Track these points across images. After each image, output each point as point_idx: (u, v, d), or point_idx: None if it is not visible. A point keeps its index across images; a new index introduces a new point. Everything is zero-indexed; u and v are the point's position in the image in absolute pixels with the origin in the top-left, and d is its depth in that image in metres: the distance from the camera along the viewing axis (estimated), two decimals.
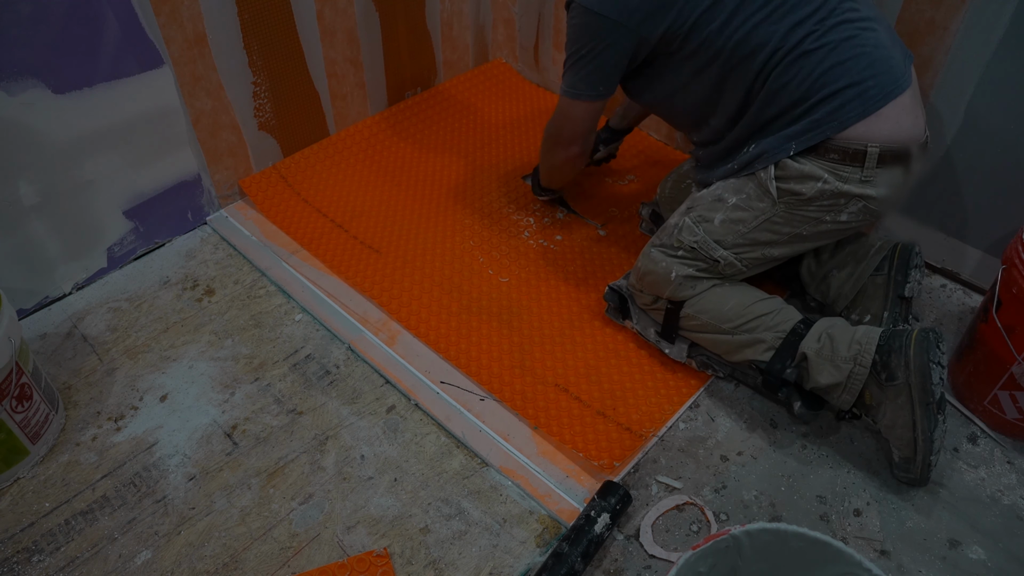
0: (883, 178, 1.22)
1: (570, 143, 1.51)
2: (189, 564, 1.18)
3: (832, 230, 1.29)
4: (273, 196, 1.88)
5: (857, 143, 1.19)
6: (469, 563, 1.18)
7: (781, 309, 1.34)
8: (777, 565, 0.97)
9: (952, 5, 1.41)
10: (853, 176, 1.21)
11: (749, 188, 1.29)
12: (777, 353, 1.31)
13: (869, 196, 1.23)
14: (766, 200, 1.27)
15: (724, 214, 1.31)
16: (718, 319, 1.34)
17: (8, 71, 1.36)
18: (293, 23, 1.77)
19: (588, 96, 1.40)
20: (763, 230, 1.29)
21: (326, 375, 1.47)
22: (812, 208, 1.25)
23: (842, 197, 1.23)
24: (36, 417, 1.29)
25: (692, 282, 1.35)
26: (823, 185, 1.22)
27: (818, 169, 1.22)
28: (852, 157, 1.20)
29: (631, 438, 1.34)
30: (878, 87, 1.19)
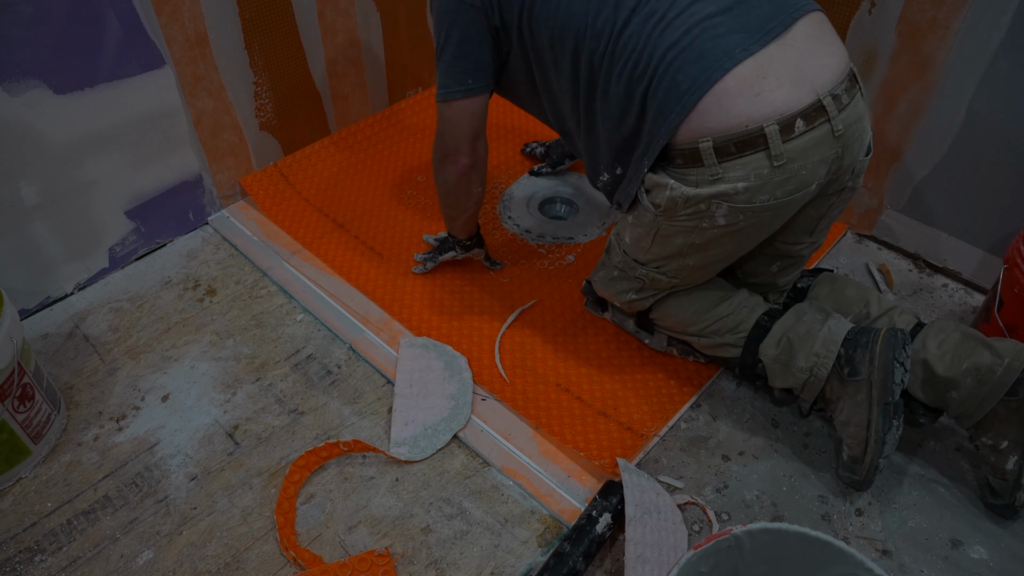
0: (736, 172, 1.07)
1: (456, 153, 1.36)
2: (191, 564, 1.18)
3: (726, 233, 1.15)
4: (274, 195, 1.88)
5: (688, 143, 1.08)
6: (471, 563, 1.18)
7: (741, 306, 1.31)
8: (778, 565, 0.97)
9: (954, 5, 1.40)
10: (702, 177, 1.09)
11: (639, 207, 1.22)
12: (744, 351, 1.30)
13: (726, 194, 1.09)
14: (648, 213, 1.19)
15: (629, 231, 1.26)
16: (682, 323, 1.33)
17: (10, 71, 1.36)
18: (294, 23, 1.77)
19: (458, 92, 1.30)
20: (660, 244, 1.21)
21: (327, 375, 1.47)
22: (682, 216, 1.14)
23: (699, 202, 1.11)
24: (38, 417, 1.29)
25: (641, 302, 1.34)
26: (671, 192, 1.12)
27: (665, 177, 1.13)
28: (692, 157, 1.09)
29: (632, 438, 1.34)
30: (688, 79, 1.05)
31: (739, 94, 1.04)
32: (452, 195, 1.45)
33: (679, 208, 1.13)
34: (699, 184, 1.10)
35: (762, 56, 1.05)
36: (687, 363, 1.48)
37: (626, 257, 1.29)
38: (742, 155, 1.06)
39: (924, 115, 1.54)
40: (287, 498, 1.24)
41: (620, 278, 1.33)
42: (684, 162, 1.10)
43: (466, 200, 1.46)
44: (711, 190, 1.09)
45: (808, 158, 1.07)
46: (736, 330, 1.30)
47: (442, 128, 1.36)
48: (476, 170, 1.40)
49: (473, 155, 1.37)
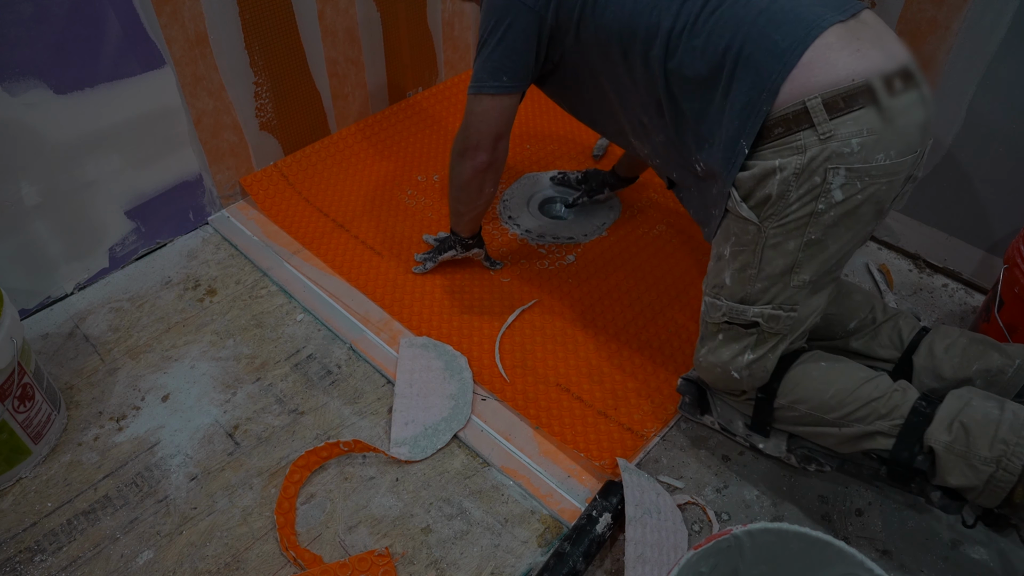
0: (847, 128, 1.01)
1: (476, 149, 1.34)
2: (191, 564, 1.18)
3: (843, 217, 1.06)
4: (274, 195, 1.88)
5: (792, 104, 1.02)
6: (471, 563, 1.18)
7: (894, 390, 1.13)
8: (779, 565, 0.97)
9: (954, 5, 1.40)
10: (809, 140, 1.02)
11: (731, 227, 1.13)
12: (899, 441, 1.11)
13: (842, 154, 1.02)
14: (750, 228, 1.10)
15: (730, 269, 1.15)
16: (819, 409, 1.16)
17: (10, 71, 1.36)
18: (294, 23, 1.77)
19: (491, 88, 1.28)
20: (770, 259, 1.11)
21: (328, 375, 1.47)
22: (795, 205, 1.06)
23: (813, 173, 1.03)
24: (38, 417, 1.29)
25: (762, 363, 1.17)
26: (782, 174, 1.04)
27: (768, 160, 1.05)
28: (796, 121, 1.03)
29: (633, 438, 1.34)
30: (788, 38, 1.03)
31: (842, 48, 1.02)
32: (464, 190, 1.44)
33: (792, 192, 1.05)
34: (808, 148, 1.03)
35: (849, 24, 1.05)
36: (688, 363, 1.48)
37: (731, 305, 1.17)
38: (851, 110, 1.01)
39: None
40: (287, 498, 1.24)
41: (729, 339, 1.19)
42: (787, 129, 1.04)
43: (476, 198, 1.45)
44: (825, 151, 1.02)
45: (911, 117, 1.04)
46: (890, 416, 1.11)
47: (468, 121, 1.35)
48: (492, 169, 1.39)
49: (493, 153, 1.36)
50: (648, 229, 1.80)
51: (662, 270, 1.68)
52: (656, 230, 1.80)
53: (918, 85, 1.04)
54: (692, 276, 1.67)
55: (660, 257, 1.72)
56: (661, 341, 1.52)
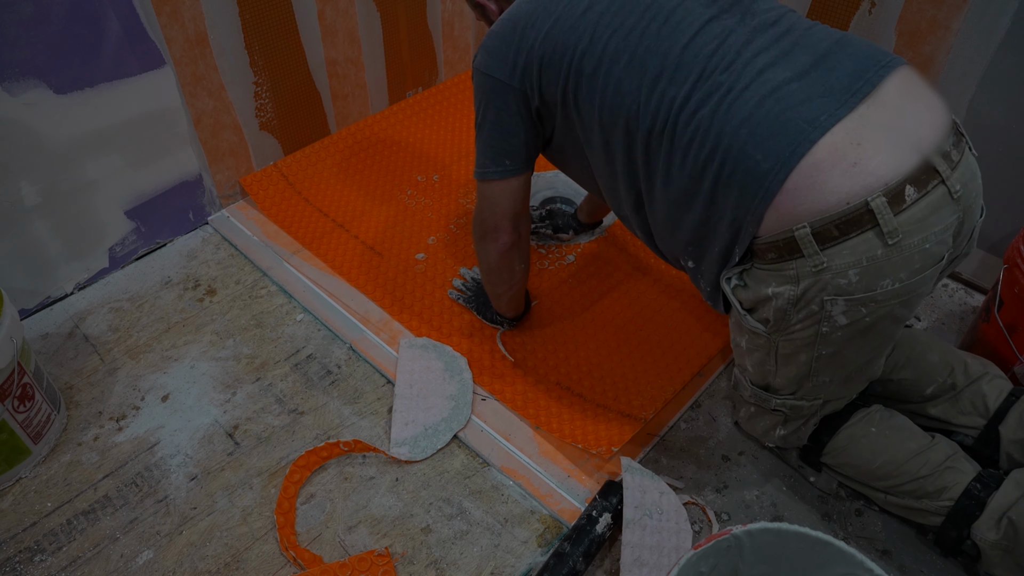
0: (843, 258, 0.91)
1: (496, 231, 1.26)
2: (191, 564, 1.18)
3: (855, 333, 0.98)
4: (274, 195, 1.88)
5: (780, 232, 0.92)
6: (471, 563, 1.18)
7: (944, 467, 1.08)
8: (778, 565, 0.97)
9: (954, 4, 1.40)
10: (802, 271, 0.93)
11: (743, 326, 1.07)
12: (947, 522, 1.07)
13: (839, 285, 0.92)
14: (760, 335, 1.04)
15: (749, 360, 1.11)
16: (866, 477, 1.14)
17: (10, 71, 1.36)
18: (294, 23, 1.77)
19: (495, 173, 1.21)
20: (785, 365, 1.05)
21: (327, 375, 1.47)
22: (797, 325, 0.99)
23: (809, 302, 0.95)
24: (38, 417, 1.29)
25: (796, 435, 1.16)
26: (777, 303, 0.97)
27: (762, 286, 0.98)
28: (787, 249, 0.93)
29: (631, 423, 1.35)
30: (769, 157, 0.90)
31: (833, 166, 0.88)
32: (494, 273, 1.36)
33: (791, 316, 0.98)
34: (802, 279, 0.94)
35: (852, 120, 0.89)
36: (687, 350, 1.48)
37: (756, 390, 1.15)
38: (847, 238, 0.89)
39: None
40: (287, 498, 1.24)
41: (761, 414, 1.19)
42: (778, 255, 0.94)
43: (509, 278, 1.37)
44: (819, 284, 0.93)
45: (929, 228, 0.90)
46: (938, 496, 1.07)
47: (481, 206, 1.27)
48: (518, 248, 1.30)
49: (514, 233, 1.27)
50: None
51: (662, 270, 1.68)
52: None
53: (944, 178, 0.90)
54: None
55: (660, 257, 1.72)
56: (660, 337, 1.52)
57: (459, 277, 1.66)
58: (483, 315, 1.56)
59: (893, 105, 0.92)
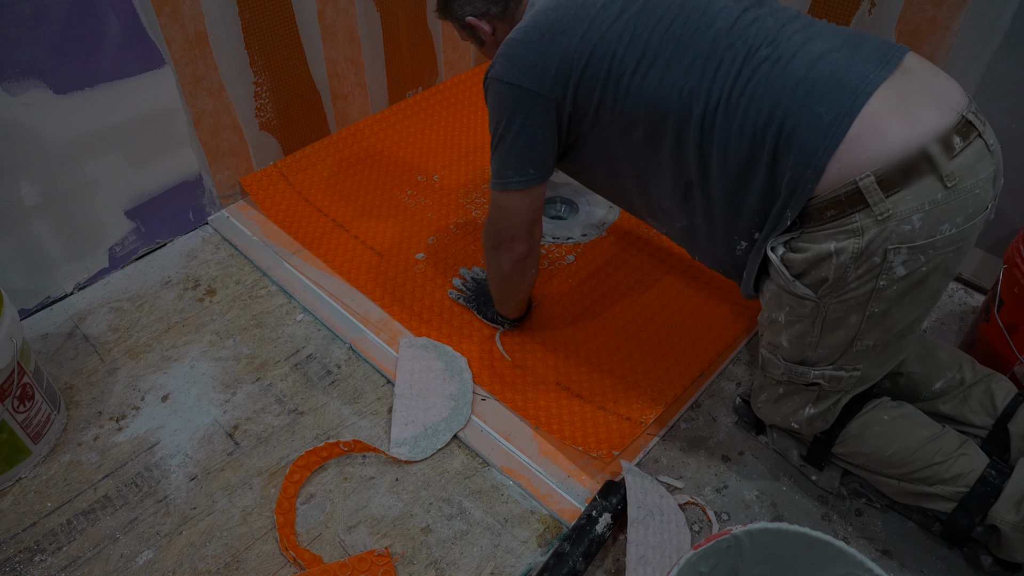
0: (907, 204, 0.94)
1: (512, 241, 1.27)
2: (191, 564, 1.18)
3: (908, 289, 1.00)
4: (274, 195, 1.88)
5: (843, 185, 0.96)
6: (471, 563, 1.18)
7: (959, 453, 1.10)
8: (778, 565, 0.97)
9: (954, 5, 1.40)
10: (866, 223, 0.95)
11: (784, 299, 1.07)
12: (960, 508, 1.08)
13: (903, 232, 0.95)
14: (807, 303, 1.04)
15: (786, 334, 1.11)
16: (879, 464, 1.14)
17: (10, 71, 1.36)
18: (294, 23, 1.77)
19: (519, 183, 1.20)
20: (831, 331, 1.06)
21: (327, 375, 1.47)
22: (853, 282, 0.99)
23: (872, 255, 0.97)
24: (38, 417, 1.29)
25: (823, 416, 1.16)
26: (839, 258, 0.98)
27: (822, 244, 0.99)
28: (849, 202, 0.96)
29: (631, 426, 1.35)
30: (832, 109, 0.96)
31: (891, 115, 0.94)
32: (506, 280, 1.37)
33: (851, 273, 0.99)
34: (865, 231, 0.96)
35: (895, 80, 0.97)
36: (688, 351, 1.48)
37: (790, 366, 1.13)
38: (909, 184, 0.93)
39: None
40: (287, 498, 1.24)
41: (790, 394, 1.17)
42: (840, 211, 0.96)
43: (520, 284, 1.38)
44: (884, 232, 0.95)
45: (976, 175, 0.96)
46: (953, 482, 1.09)
47: (497, 216, 1.27)
48: (532, 255, 1.32)
49: (530, 241, 1.29)
50: (648, 229, 1.80)
51: (662, 270, 1.68)
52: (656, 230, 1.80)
53: (979, 131, 0.97)
54: (691, 275, 1.67)
55: (660, 257, 1.72)
56: (661, 339, 1.52)
57: (459, 277, 1.66)
58: (483, 315, 1.56)
59: (920, 74, 0.99)
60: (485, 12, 1.27)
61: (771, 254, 1.05)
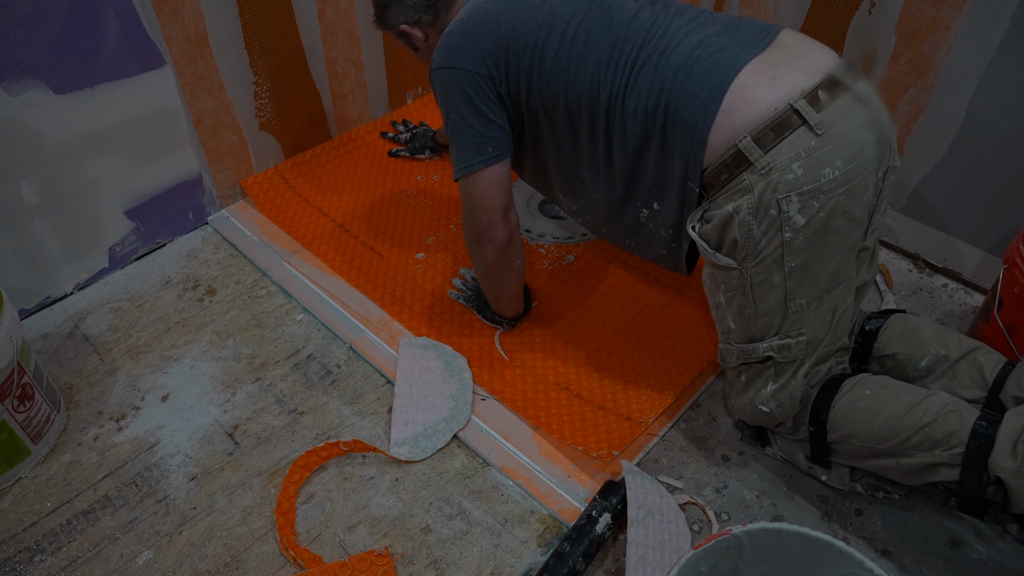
0: (784, 155, 1.03)
1: (491, 229, 1.28)
2: (191, 564, 1.18)
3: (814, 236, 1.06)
4: (274, 196, 1.88)
5: (727, 150, 1.06)
6: (470, 563, 1.18)
7: (948, 411, 1.08)
8: (778, 565, 0.97)
9: (954, 5, 1.40)
10: (752, 178, 1.04)
11: (716, 275, 1.15)
12: (964, 471, 1.05)
13: (787, 181, 1.03)
14: (733, 273, 1.12)
15: (730, 313, 1.16)
16: (872, 441, 1.12)
17: (10, 71, 1.36)
18: (294, 23, 1.77)
19: (480, 163, 1.23)
20: (763, 296, 1.11)
21: (327, 375, 1.47)
22: (763, 241, 1.07)
23: (768, 208, 1.04)
24: (38, 417, 1.29)
25: (786, 391, 1.16)
26: (739, 217, 1.06)
27: (723, 207, 1.08)
28: (736, 164, 1.06)
29: (631, 426, 1.35)
30: (706, 88, 1.07)
31: (757, 83, 1.06)
32: (493, 274, 1.38)
33: (755, 230, 1.06)
34: (754, 185, 1.05)
35: (764, 55, 1.09)
36: (688, 352, 1.48)
37: (742, 347, 1.17)
38: (782, 137, 1.03)
39: (924, 115, 1.55)
40: (287, 498, 1.24)
41: (752, 379, 1.20)
42: (730, 174, 1.07)
43: (508, 275, 1.38)
44: (771, 184, 1.04)
45: (848, 122, 1.04)
46: (948, 443, 1.06)
47: (469, 205, 1.28)
48: (513, 243, 1.32)
49: (507, 227, 1.30)
50: None
51: (661, 270, 1.68)
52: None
53: (848, 87, 1.06)
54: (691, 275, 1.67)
55: None
56: (660, 338, 1.52)
57: (459, 277, 1.66)
58: (483, 315, 1.56)
59: (793, 48, 1.11)
60: (417, 20, 1.35)
61: (691, 232, 1.13)
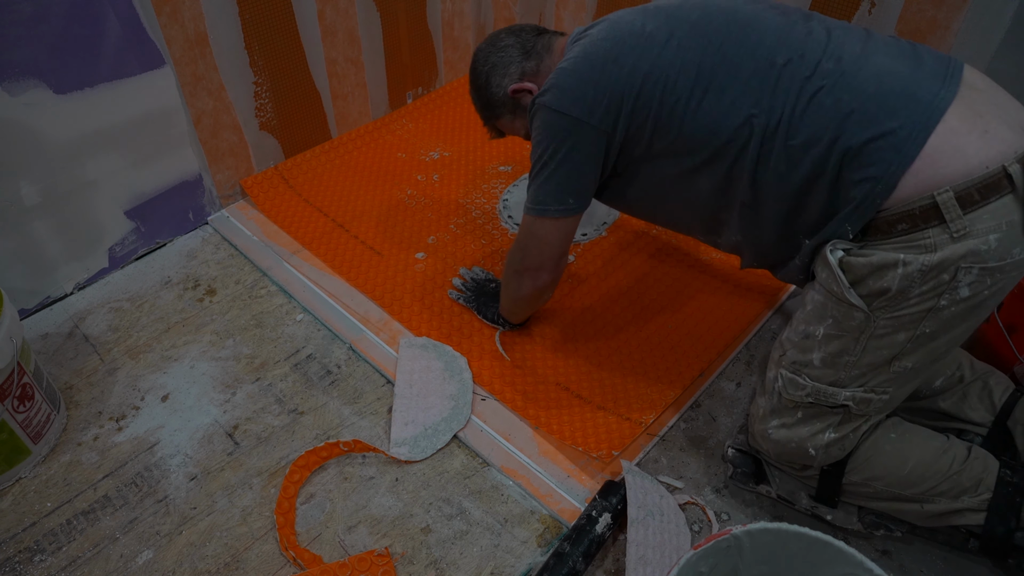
0: (984, 223, 0.91)
1: (539, 270, 1.27)
2: (191, 564, 1.18)
3: (965, 311, 0.97)
4: (274, 197, 1.88)
5: (918, 199, 0.93)
6: (470, 563, 1.18)
7: (974, 458, 1.08)
8: (778, 565, 0.97)
9: (954, 5, 1.41)
10: (940, 239, 0.92)
11: (831, 309, 1.03)
12: (992, 516, 1.04)
13: (978, 252, 0.91)
14: (856, 315, 1.00)
15: (821, 351, 1.05)
16: (896, 485, 1.09)
17: (10, 71, 1.36)
18: (294, 23, 1.77)
19: (556, 212, 1.19)
20: (874, 348, 1.01)
21: (327, 375, 1.47)
22: (914, 299, 0.96)
23: (942, 271, 0.93)
24: (38, 417, 1.29)
25: (842, 443, 1.09)
26: (905, 269, 0.94)
27: (890, 252, 0.95)
28: (924, 217, 0.93)
29: (631, 427, 1.35)
30: (906, 125, 0.94)
31: (968, 132, 0.93)
32: (520, 302, 1.39)
33: (914, 288, 0.95)
34: (939, 247, 0.93)
35: (964, 96, 0.95)
36: (688, 352, 1.48)
37: (817, 386, 1.07)
38: (987, 202, 0.91)
39: None
40: (287, 498, 1.24)
41: (809, 417, 1.10)
42: (912, 224, 0.94)
43: (534, 304, 1.41)
44: (959, 250, 0.92)
45: None
46: (975, 491, 1.05)
47: (527, 243, 1.25)
48: (554, 284, 1.32)
49: (555, 272, 1.29)
50: (648, 229, 1.80)
51: (661, 270, 1.68)
52: (656, 230, 1.80)
53: None
54: (691, 275, 1.67)
55: (659, 257, 1.72)
56: (660, 339, 1.52)
57: (458, 277, 1.66)
58: (483, 315, 1.56)
59: (986, 91, 0.98)
60: (522, 73, 1.27)
61: (829, 255, 1.01)
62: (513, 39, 1.30)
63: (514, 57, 1.28)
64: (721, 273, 1.67)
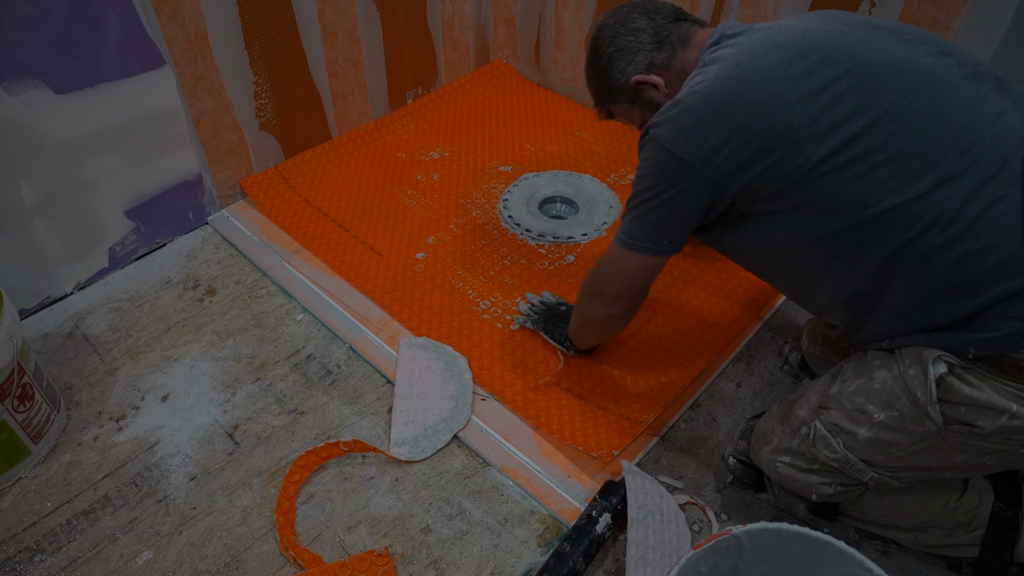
0: None
1: (615, 299, 1.20)
2: (191, 564, 1.18)
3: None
4: (274, 197, 1.88)
5: None
6: (470, 563, 1.18)
7: (970, 490, 1.06)
8: (778, 565, 0.97)
9: (954, 5, 1.40)
10: None
11: (901, 404, 0.94)
12: (986, 550, 1.04)
13: None
14: (928, 425, 0.92)
15: (871, 431, 0.98)
16: (893, 517, 1.10)
17: (9, 71, 1.36)
18: (294, 23, 1.77)
19: (647, 249, 1.10)
20: (927, 456, 0.96)
21: (327, 375, 1.47)
22: (997, 440, 0.89)
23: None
24: (38, 417, 1.29)
25: (843, 495, 1.09)
26: (1010, 420, 0.86)
27: (1003, 398, 0.86)
28: None
29: (631, 426, 1.35)
30: None
31: None
32: (589, 325, 1.32)
33: (1006, 434, 0.88)
34: None
35: None
36: (688, 354, 1.48)
37: (849, 457, 1.01)
38: None
39: None
40: (287, 498, 1.24)
41: (824, 472, 1.07)
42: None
43: (605, 334, 1.35)
44: None
45: None
46: (970, 526, 1.05)
47: (610, 272, 1.18)
48: (627, 316, 1.25)
49: (631, 305, 1.22)
50: None
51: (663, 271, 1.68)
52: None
53: None
54: (691, 276, 1.67)
55: None
56: (660, 338, 1.52)
57: (524, 302, 1.60)
58: (550, 335, 1.49)
59: None
60: (650, 63, 1.14)
61: (931, 367, 0.90)
62: (647, 22, 1.15)
63: (644, 44, 1.14)
64: (722, 273, 1.67)
